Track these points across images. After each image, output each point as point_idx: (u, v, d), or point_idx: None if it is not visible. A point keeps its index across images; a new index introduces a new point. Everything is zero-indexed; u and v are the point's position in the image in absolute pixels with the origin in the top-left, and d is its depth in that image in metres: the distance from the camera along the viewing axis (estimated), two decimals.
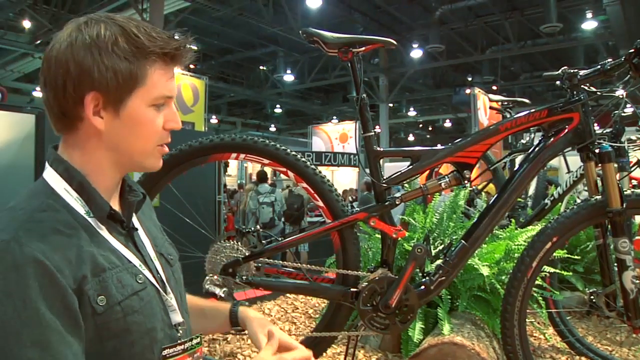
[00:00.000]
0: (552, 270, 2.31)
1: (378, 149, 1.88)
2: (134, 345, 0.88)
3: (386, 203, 1.86)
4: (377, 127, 18.63)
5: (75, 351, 0.78)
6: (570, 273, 2.53)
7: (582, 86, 1.83)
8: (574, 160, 3.22)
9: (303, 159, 1.92)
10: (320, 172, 1.93)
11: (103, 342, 0.84)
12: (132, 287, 0.89)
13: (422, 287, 1.83)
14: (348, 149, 14.57)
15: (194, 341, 1.00)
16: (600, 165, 1.80)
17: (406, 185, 2.44)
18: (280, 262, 2.10)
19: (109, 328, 0.84)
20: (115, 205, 0.97)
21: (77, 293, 0.81)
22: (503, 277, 2.26)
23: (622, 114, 2.52)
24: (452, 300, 2.23)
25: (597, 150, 1.81)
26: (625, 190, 1.81)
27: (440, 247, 2.46)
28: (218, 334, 2.55)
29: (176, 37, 0.94)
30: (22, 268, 0.76)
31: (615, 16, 12.26)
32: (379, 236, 2.54)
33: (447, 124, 26.64)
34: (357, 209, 1.92)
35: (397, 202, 1.88)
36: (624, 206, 1.77)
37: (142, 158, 0.96)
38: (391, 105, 21.07)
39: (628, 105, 2.30)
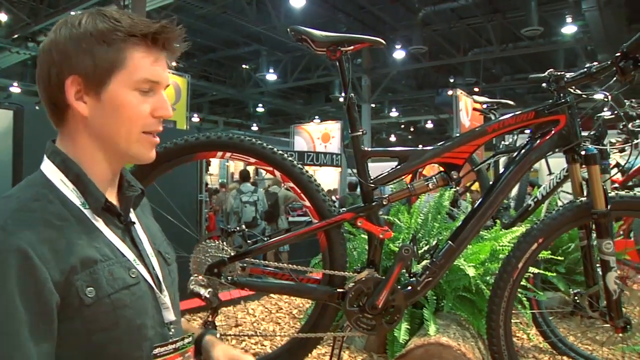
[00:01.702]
0: (535, 270, 2.33)
1: (366, 148, 1.87)
2: (122, 340, 0.86)
3: (373, 203, 1.85)
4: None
5: (43, 350, 0.78)
6: (554, 274, 2.55)
7: (568, 89, 1.85)
8: (555, 162, 3.27)
9: (290, 158, 1.90)
10: (307, 171, 1.91)
11: (90, 335, 0.83)
12: (124, 280, 0.88)
13: (409, 287, 1.83)
14: (330, 149, 14.53)
15: (186, 340, 0.98)
16: (585, 167, 1.82)
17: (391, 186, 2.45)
18: (265, 262, 2.08)
19: (97, 321, 0.84)
20: (112, 199, 0.97)
21: (63, 286, 0.80)
22: (487, 278, 2.26)
23: (605, 117, 2.57)
24: (437, 301, 2.24)
25: (582, 152, 1.83)
26: (610, 192, 1.82)
27: (425, 248, 2.47)
28: None
29: (160, 22, 0.93)
30: (4, 256, 0.76)
31: (594, 21, 12.48)
32: (364, 236, 2.54)
33: (429, 125, 26.81)
34: (344, 209, 1.91)
35: (384, 203, 1.87)
36: (609, 208, 1.78)
37: (127, 145, 0.93)
38: (373, 105, 21.11)
39: (606, 109, 2.33)
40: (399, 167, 1.85)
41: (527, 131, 3.40)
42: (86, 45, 0.87)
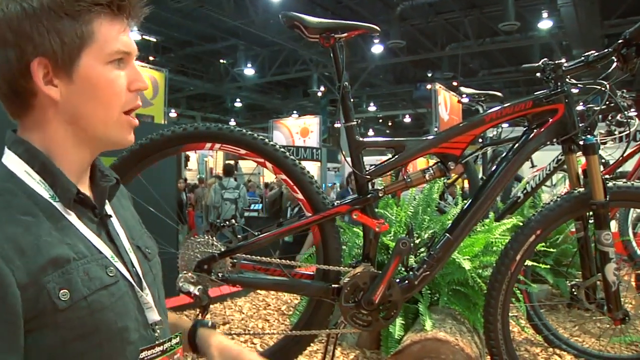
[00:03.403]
0: (528, 262, 2.30)
1: (360, 139, 1.81)
2: (102, 347, 0.78)
3: (369, 195, 1.80)
4: (337, 122, 18.59)
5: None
6: (547, 266, 2.53)
7: (566, 78, 1.81)
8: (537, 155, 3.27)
9: (282, 149, 1.83)
10: (299, 163, 1.84)
11: (66, 344, 0.74)
12: (101, 280, 0.79)
13: (406, 281, 1.78)
14: (309, 143, 14.54)
15: (173, 341, 0.90)
16: (585, 157, 1.79)
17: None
18: (257, 257, 2.00)
19: (73, 327, 0.75)
20: (85, 191, 0.88)
21: (31, 289, 0.71)
22: (480, 271, 2.23)
23: (595, 108, 2.55)
24: (431, 295, 2.19)
25: (581, 142, 1.80)
26: (608, 183, 1.80)
27: (417, 241, 2.42)
28: None
29: None
30: None
31: (569, 17, 12.65)
32: (356, 230, 2.49)
33: (407, 119, 26.92)
34: (338, 202, 1.85)
35: (380, 195, 1.82)
36: (607, 198, 1.76)
37: (106, 128, 0.85)
38: (352, 100, 21.07)
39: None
40: (395, 157, 1.79)
41: (505, 125, 3.37)
42: (48, 21, 0.77)
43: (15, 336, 0.70)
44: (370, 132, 29.52)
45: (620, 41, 1.68)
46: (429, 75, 19.21)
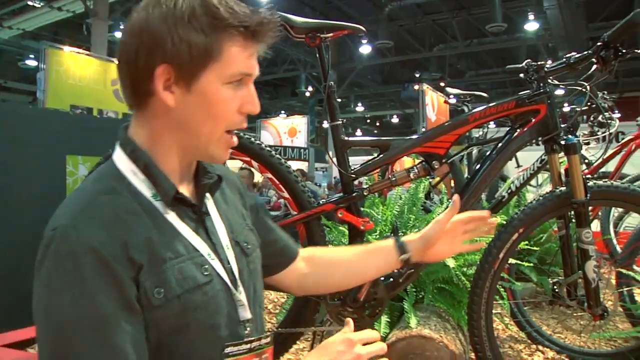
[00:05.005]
0: (511, 261, 2.33)
1: (345, 138, 1.83)
2: (194, 342, 0.82)
3: (354, 194, 1.81)
4: (324, 121, 18.58)
5: (135, 340, 0.76)
6: (531, 264, 2.57)
7: (548, 79, 1.84)
8: (522, 155, 3.31)
9: (268, 148, 1.84)
10: (285, 162, 1.86)
11: (161, 336, 0.80)
12: (194, 280, 0.83)
13: (391, 279, 1.80)
14: (297, 143, 14.55)
15: (263, 341, 0.91)
16: (566, 156, 1.82)
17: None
18: None
19: (167, 323, 0.80)
20: (186, 188, 0.93)
21: (134, 282, 0.77)
22: (465, 269, 2.25)
23: (577, 109, 2.60)
24: (416, 293, 2.21)
25: (562, 142, 1.83)
26: (588, 182, 1.83)
27: None
28: None
29: (260, 12, 0.87)
30: (78, 257, 0.74)
31: (555, 19, 12.83)
32: (342, 229, 2.51)
33: (395, 119, 27.03)
34: (324, 200, 1.87)
35: (364, 194, 1.84)
36: (588, 197, 1.79)
37: (208, 142, 0.88)
38: (339, 100, 21.10)
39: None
40: (380, 156, 1.81)
41: (492, 125, 3.39)
42: (183, 32, 0.81)
43: (136, 316, 0.77)
44: (358, 132, 29.59)
45: (599, 44, 1.71)
46: (417, 75, 19.30)
